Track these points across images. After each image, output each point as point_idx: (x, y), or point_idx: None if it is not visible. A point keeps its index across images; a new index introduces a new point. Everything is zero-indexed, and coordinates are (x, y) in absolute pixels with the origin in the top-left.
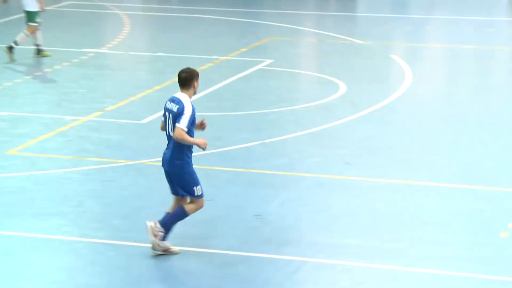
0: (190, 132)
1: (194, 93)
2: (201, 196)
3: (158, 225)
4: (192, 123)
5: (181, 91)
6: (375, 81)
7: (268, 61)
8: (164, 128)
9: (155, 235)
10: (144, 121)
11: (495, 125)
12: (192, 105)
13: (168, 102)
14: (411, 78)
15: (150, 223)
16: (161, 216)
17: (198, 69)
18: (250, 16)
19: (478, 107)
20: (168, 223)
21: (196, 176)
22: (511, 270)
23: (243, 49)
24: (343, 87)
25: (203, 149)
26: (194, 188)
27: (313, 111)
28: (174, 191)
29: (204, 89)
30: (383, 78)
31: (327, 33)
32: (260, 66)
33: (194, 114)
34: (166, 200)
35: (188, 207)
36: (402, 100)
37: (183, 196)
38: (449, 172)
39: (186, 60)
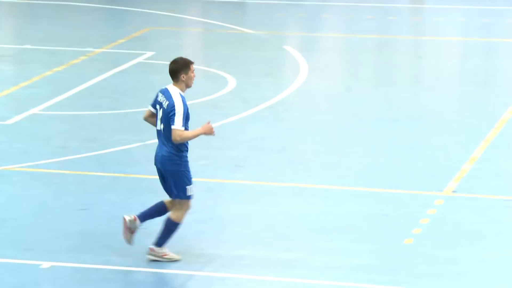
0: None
1: (187, 86)
2: (190, 197)
3: (156, 248)
4: (186, 119)
5: (173, 84)
6: (268, 74)
7: (149, 54)
8: (148, 118)
9: (163, 255)
10: (10, 121)
11: (398, 122)
12: (183, 101)
13: (159, 93)
14: (306, 71)
15: (149, 256)
16: (33, 227)
17: (71, 62)
18: (128, 4)
19: (379, 103)
20: (163, 241)
21: (190, 175)
22: (416, 279)
23: (121, 40)
24: (232, 82)
25: (212, 134)
26: (187, 187)
27: (199, 108)
28: (168, 191)
29: (77, 85)
30: (276, 71)
31: (214, 22)
32: (140, 59)
33: (187, 110)
34: (35, 210)
35: (174, 216)
36: (297, 96)
37: (175, 198)
38: (349, 173)
39: (57, 53)
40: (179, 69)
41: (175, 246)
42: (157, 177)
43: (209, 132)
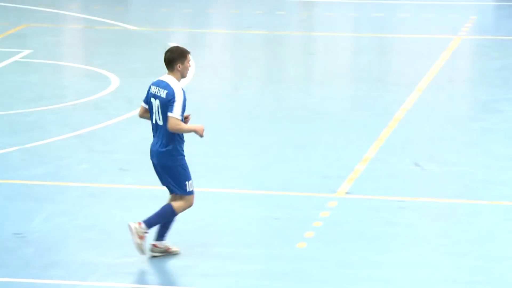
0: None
1: (182, 76)
2: (192, 192)
3: (143, 225)
4: (183, 109)
5: (168, 74)
6: (153, 73)
7: (26, 52)
8: (143, 114)
9: (141, 237)
10: None
11: (289, 121)
12: (183, 91)
13: (152, 87)
14: (193, 69)
15: (134, 224)
16: None
17: None
18: None
19: (269, 101)
20: (153, 222)
21: (189, 170)
22: (309, 284)
23: None
24: (115, 81)
25: (201, 136)
26: (186, 183)
27: (81, 109)
28: (167, 186)
29: None
30: (161, 69)
31: (95, 18)
32: (15, 57)
33: (185, 100)
34: None
35: (176, 204)
36: None
37: (173, 193)
38: (238, 176)
39: None
40: (176, 58)
41: (56, 256)
42: (37, 182)
43: (201, 132)
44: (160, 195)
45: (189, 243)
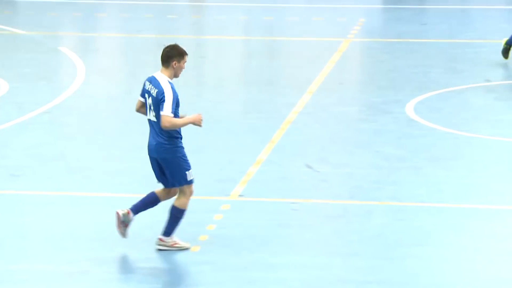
0: (175, 116)
1: (175, 75)
2: (192, 181)
3: (164, 237)
4: (177, 105)
5: (161, 70)
6: (42, 77)
7: None
8: (140, 109)
9: (173, 245)
10: None
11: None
12: (172, 87)
13: (147, 82)
14: (84, 74)
15: (159, 242)
16: None
17: None
18: None
19: None
20: (170, 229)
21: (188, 161)
22: (195, 287)
23: None
24: (4, 86)
25: (199, 125)
26: (187, 172)
27: None
28: (163, 182)
29: None
30: (51, 74)
31: None
32: None
33: (177, 96)
34: None
35: (179, 202)
36: (74, 99)
37: (173, 187)
38: (132, 180)
39: None
40: (173, 55)
41: None
42: None
43: (198, 122)
44: (52, 201)
45: (82, 248)
